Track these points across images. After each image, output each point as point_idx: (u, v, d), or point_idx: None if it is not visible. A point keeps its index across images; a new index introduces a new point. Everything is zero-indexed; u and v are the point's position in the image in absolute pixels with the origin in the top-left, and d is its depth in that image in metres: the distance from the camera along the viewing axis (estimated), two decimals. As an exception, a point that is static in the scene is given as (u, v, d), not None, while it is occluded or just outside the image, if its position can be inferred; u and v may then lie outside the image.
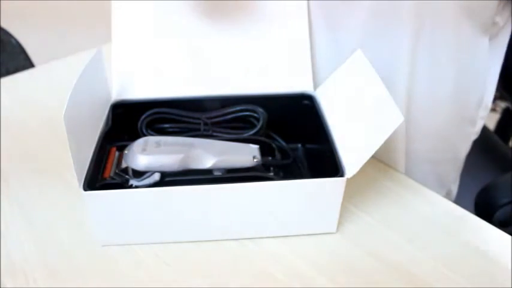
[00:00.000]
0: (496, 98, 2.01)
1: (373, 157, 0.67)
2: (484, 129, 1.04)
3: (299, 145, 0.67)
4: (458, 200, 0.65)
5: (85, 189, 0.49)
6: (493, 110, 1.85)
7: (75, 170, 0.48)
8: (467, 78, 0.64)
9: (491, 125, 1.12)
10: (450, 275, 0.51)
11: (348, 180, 0.51)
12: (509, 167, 0.91)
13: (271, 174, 0.57)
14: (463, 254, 0.53)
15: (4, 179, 0.64)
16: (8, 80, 0.89)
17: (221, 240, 0.55)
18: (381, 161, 0.67)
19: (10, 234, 0.56)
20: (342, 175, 0.51)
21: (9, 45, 1.11)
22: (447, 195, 0.77)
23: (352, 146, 0.53)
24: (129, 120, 0.62)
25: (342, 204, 0.54)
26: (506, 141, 1.08)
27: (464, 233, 0.56)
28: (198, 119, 0.63)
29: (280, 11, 0.64)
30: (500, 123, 1.13)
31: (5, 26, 1.13)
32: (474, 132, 0.72)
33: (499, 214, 0.72)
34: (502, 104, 1.67)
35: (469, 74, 0.64)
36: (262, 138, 0.62)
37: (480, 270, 0.51)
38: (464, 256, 0.53)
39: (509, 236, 0.55)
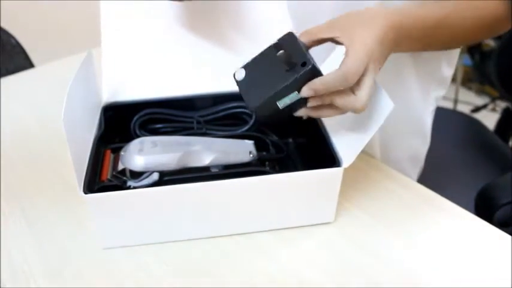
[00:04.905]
0: (496, 98, 2.02)
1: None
2: (484, 129, 1.05)
3: (290, 139, 0.67)
4: (459, 200, 0.65)
5: (85, 193, 0.49)
6: (493, 110, 1.86)
7: (75, 173, 0.48)
8: (426, 53, 0.66)
9: (491, 125, 1.12)
10: (450, 274, 0.51)
11: (344, 179, 0.52)
12: (509, 167, 0.91)
13: (267, 168, 0.58)
14: (463, 253, 0.53)
15: (4, 179, 0.64)
16: (8, 80, 0.89)
17: (222, 236, 0.55)
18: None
19: (10, 235, 0.56)
20: (339, 165, 0.52)
21: (9, 45, 1.11)
22: (420, 172, 0.80)
23: (346, 136, 0.54)
24: (120, 122, 0.62)
25: (339, 202, 0.54)
26: (506, 141, 1.08)
27: (463, 233, 0.56)
28: (191, 117, 0.63)
29: (264, 9, 0.65)
30: (500, 123, 1.12)
31: (5, 26, 1.13)
32: (434, 104, 0.76)
33: (499, 214, 0.72)
34: (502, 104, 1.67)
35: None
36: (256, 134, 0.62)
37: (480, 270, 0.51)
38: (464, 256, 0.53)
39: (509, 236, 0.55)
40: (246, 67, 0.51)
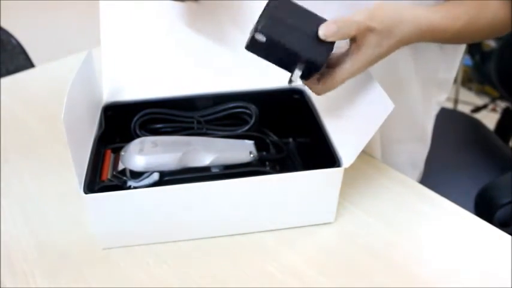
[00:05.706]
0: (496, 98, 2.02)
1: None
2: (484, 129, 1.05)
3: (290, 139, 0.67)
4: (459, 200, 0.65)
5: (86, 193, 0.49)
6: (493, 110, 1.86)
7: (76, 173, 0.48)
8: (426, 57, 0.65)
9: (491, 125, 1.12)
10: (450, 274, 0.51)
11: (344, 179, 0.52)
12: (509, 167, 0.91)
13: (268, 168, 0.58)
14: (463, 253, 0.53)
15: (4, 178, 0.64)
16: (8, 80, 0.89)
17: (222, 236, 0.55)
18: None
19: (10, 235, 0.56)
20: (339, 165, 0.52)
21: (9, 45, 1.11)
22: (420, 176, 0.80)
23: (346, 136, 0.54)
24: (120, 122, 0.62)
25: (339, 201, 0.54)
26: (506, 141, 1.08)
27: (463, 233, 0.56)
28: (191, 117, 0.63)
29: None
30: (500, 123, 1.12)
31: (5, 26, 1.13)
32: (437, 109, 0.75)
33: (499, 214, 0.72)
34: (502, 104, 1.67)
35: (427, 52, 0.65)
36: (257, 134, 0.62)
37: (480, 270, 0.51)
38: (464, 256, 0.53)
39: (509, 236, 0.55)
40: None
